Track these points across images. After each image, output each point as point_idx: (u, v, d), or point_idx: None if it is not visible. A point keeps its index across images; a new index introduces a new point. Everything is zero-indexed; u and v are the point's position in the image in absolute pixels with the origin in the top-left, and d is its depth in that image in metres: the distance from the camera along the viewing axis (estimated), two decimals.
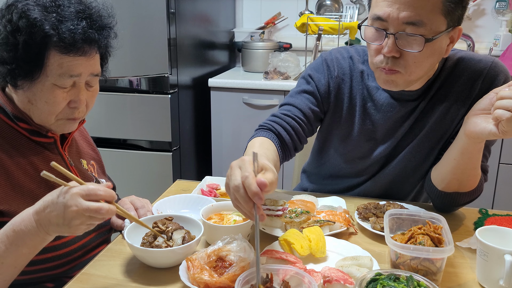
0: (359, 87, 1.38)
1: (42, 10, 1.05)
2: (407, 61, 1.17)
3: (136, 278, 1.06)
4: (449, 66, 1.31)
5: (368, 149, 1.42)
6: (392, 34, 1.14)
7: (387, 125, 1.37)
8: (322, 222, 1.22)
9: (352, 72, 1.39)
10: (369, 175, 1.47)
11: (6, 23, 1.05)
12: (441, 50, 1.19)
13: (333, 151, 1.48)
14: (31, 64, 1.06)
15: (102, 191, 0.93)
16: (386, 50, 1.16)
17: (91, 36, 1.09)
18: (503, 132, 1.05)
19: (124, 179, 2.65)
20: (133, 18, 2.48)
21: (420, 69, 1.19)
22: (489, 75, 1.28)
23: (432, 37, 1.13)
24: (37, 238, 0.97)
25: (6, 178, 1.10)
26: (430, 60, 1.19)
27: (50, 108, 1.11)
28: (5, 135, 1.13)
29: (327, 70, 1.40)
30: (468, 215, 1.38)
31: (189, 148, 2.88)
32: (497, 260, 0.98)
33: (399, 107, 1.34)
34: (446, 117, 1.33)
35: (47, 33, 1.04)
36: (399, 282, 0.92)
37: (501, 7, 2.99)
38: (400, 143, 1.40)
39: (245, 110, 2.84)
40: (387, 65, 1.18)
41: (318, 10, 3.27)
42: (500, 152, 2.60)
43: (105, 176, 1.42)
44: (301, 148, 1.42)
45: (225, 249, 1.03)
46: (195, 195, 1.41)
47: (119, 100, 2.59)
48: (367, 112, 1.38)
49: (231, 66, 3.42)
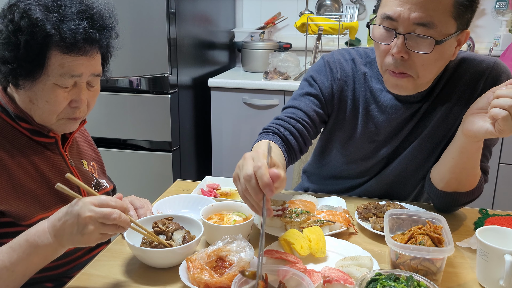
0: (362, 89, 1.37)
1: (44, 10, 1.05)
2: (415, 63, 1.16)
3: (136, 278, 1.06)
4: (452, 67, 1.31)
5: (370, 151, 1.42)
6: (402, 34, 1.13)
7: (390, 127, 1.37)
8: (322, 222, 1.22)
9: (355, 74, 1.38)
10: (370, 176, 1.47)
11: (8, 23, 1.06)
12: (449, 53, 1.19)
13: (335, 152, 1.48)
14: (33, 63, 1.06)
15: (114, 202, 0.96)
16: (395, 51, 1.15)
17: (92, 36, 1.09)
18: (499, 130, 1.05)
19: (124, 179, 2.65)
20: (133, 18, 2.48)
21: (429, 72, 1.18)
22: (491, 75, 1.28)
23: (442, 39, 1.12)
24: (50, 249, 0.98)
25: (7, 178, 1.10)
26: (438, 63, 1.18)
27: (51, 108, 1.11)
28: (7, 135, 1.13)
29: (330, 72, 1.39)
30: (468, 215, 1.38)
31: (189, 148, 2.88)
32: (497, 260, 0.98)
33: (403, 109, 1.33)
34: (449, 117, 1.33)
35: (49, 33, 1.04)
36: (399, 282, 0.92)
37: (501, 7, 2.99)
38: (402, 144, 1.40)
39: (245, 110, 2.84)
40: (396, 68, 1.18)
41: (318, 10, 3.27)
42: (500, 152, 2.60)
43: (105, 177, 1.42)
44: (306, 150, 1.42)
45: (225, 249, 1.03)
46: (195, 195, 1.41)
47: (119, 100, 2.59)
48: (370, 114, 1.38)
49: (231, 66, 3.42)
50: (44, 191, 1.15)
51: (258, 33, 3.28)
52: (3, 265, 0.96)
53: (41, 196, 1.14)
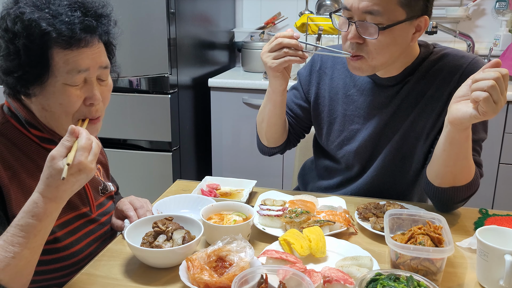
0: (342, 76, 1.51)
1: (34, 9, 1.03)
2: (369, 47, 1.28)
3: (136, 278, 1.06)
4: (433, 60, 1.39)
5: (354, 132, 1.49)
6: (353, 22, 1.27)
7: (369, 108, 1.46)
8: (322, 222, 1.22)
9: (335, 64, 1.52)
10: (359, 167, 1.51)
11: (3, 33, 1.03)
12: (404, 39, 1.28)
13: (324, 140, 1.57)
14: (37, 67, 1.04)
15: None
16: (350, 36, 1.29)
17: (89, 24, 1.06)
18: (483, 113, 1.08)
19: (124, 179, 2.64)
20: (133, 18, 2.48)
21: (382, 56, 1.29)
22: (468, 70, 1.34)
23: (386, 25, 1.23)
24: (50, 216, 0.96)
25: (17, 185, 1.09)
26: (392, 48, 1.28)
27: (66, 109, 1.08)
28: (17, 141, 1.12)
29: (310, 66, 1.58)
30: (468, 215, 1.38)
31: (189, 148, 2.88)
32: (497, 260, 0.98)
33: (379, 91, 1.44)
34: (427, 108, 1.39)
35: (45, 30, 1.01)
36: (399, 282, 0.92)
37: (501, 7, 2.99)
38: (385, 131, 1.45)
39: (245, 110, 2.84)
40: (352, 50, 1.31)
41: (318, 10, 3.27)
42: (500, 152, 2.60)
43: (109, 179, 1.41)
44: (298, 140, 1.66)
45: (225, 249, 1.03)
46: (195, 195, 1.41)
47: (119, 100, 2.59)
48: (351, 98, 1.49)
49: (231, 66, 3.42)
50: None
51: (258, 33, 3.28)
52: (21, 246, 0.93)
53: None
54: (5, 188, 1.07)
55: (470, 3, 3.02)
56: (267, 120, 1.51)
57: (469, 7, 3.02)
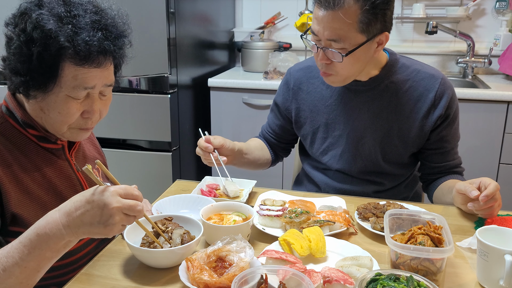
0: (318, 89, 1.60)
1: (57, 21, 1.02)
2: (336, 67, 1.41)
3: (136, 278, 1.06)
4: (405, 73, 1.51)
5: (337, 138, 1.58)
6: (321, 48, 1.39)
7: (348, 114, 1.55)
8: (322, 222, 1.22)
9: (310, 79, 1.62)
10: (345, 160, 1.58)
11: (20, 33, 1.03)
12: (367, 55, 1.40)
13: (309, 148, 1.66)
14: (45, 75, 1.03)
15: (136, 191, 0.97)
16: (319, 58, 1.42)
17: (106, 48, 1.06)
18: (477, 211, 1.30)
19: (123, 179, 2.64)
20: (133, 18, 2.46)
21: (348, 72, 1.42)
22: (439, 91, 1.48)
23: (349, 51, 1.34)
24: (62, 242, 0.94)
25: (15, 184, 1.09)
26: (356, 65, 1.41)
27: (63, 119, 1.09)
28: (15, 140, 1.12)
29: (285, 85, 1.69)
30: (468, 215, 1.38)
31: (188, 148, 2.88)
32: (497, 260, 0.98)
33: (354, 96, 1.54)
34: (403, 112, 1.50)
35: (62, 45, 1.01)
36: (399, 282, 0.92)
37: (501, 7, 2.99)
38: (366, 133, 1.53)
39: (245, 110, 2.84)
40: (322, 70, 1.45)
41: None
42: (500, 152, 2.60)
43: (108, 180, 1.41)
44: (288, 151, 1.84)
45: (225, 249, 1.03)
46: (195, 195, 1.41)
47: (119, 100, 2.59)
48: (330, 107, 1.58)
49: (231, 66, 3.42)
50: (51, 198, 1.15)
51: (258, 33, 3.28)
52: (14, 262, 0.93)
53: (48, 203, 1.13)
54: (3, 186, 1.07)
55: (470, 3, 3.01)
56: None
57: (469, 7, 3.01)
